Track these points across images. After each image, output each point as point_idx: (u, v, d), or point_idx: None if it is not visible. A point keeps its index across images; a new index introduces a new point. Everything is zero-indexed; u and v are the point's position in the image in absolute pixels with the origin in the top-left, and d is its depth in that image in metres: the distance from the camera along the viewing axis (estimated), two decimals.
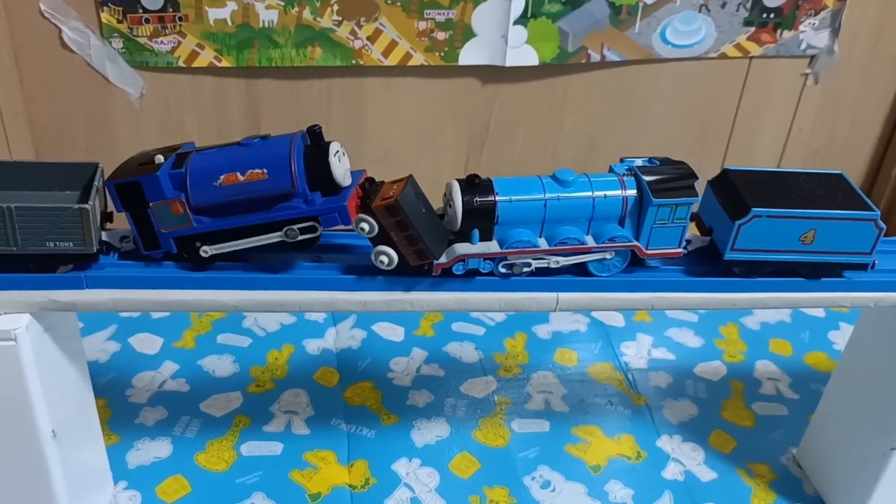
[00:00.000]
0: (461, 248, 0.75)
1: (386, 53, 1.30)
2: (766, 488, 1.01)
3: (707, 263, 0.82)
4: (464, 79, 1.37)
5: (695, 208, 0.78)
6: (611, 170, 0.79)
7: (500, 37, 1.31)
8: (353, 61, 1.29)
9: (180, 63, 1.25)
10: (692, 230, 0.82)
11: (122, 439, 1.02)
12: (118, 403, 1.07)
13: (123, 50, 1.23)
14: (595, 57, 1.36)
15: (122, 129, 1.31)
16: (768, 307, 0.82)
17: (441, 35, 1.29)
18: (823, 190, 0.81)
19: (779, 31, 1.37)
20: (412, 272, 0.75)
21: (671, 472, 1.03)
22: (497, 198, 0.74)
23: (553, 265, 0.76)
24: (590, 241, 0.77)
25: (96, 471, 0.91)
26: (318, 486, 0.98)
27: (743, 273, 0.81)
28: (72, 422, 0.81)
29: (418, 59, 1.31)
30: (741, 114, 1.47)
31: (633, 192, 0.77)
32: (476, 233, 0.75)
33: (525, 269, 0.76)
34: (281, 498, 0.96)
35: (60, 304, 0.71)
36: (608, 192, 0.77)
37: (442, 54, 1.31)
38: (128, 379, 1.12)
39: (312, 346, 1.21)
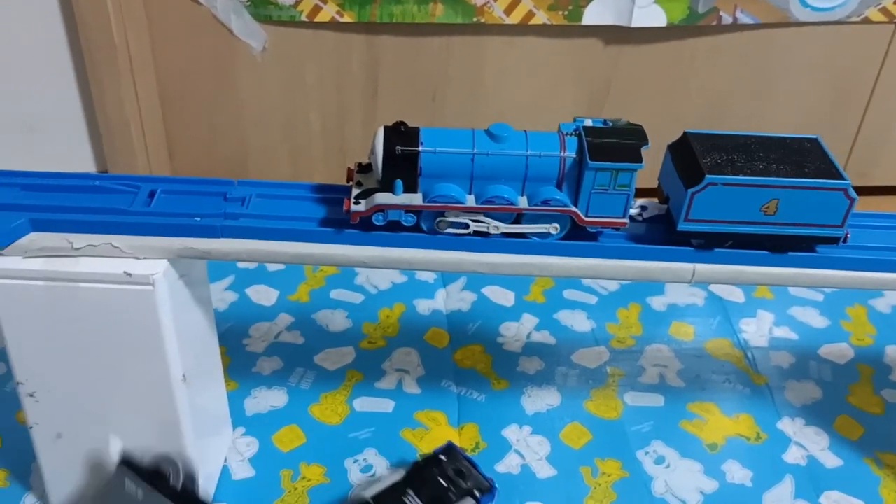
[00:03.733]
0: (381, 197, 0.71)
1: (508, 11, 1.27)
2: None
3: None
4: (586, 39, 1.32)
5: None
6: (559, 129, 0.73)
7: None
8: (475, 19, 1.27)
9: (303, 17, 1.25)
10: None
11: (239, 386, 1.04)
12: (236, 352, 1.10)
13: (248, 3, 1.24)
14: (727, 19, 1.29)
15: (244, 82, 1.32)
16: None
17: None
18: (793, 156, 0.73)
19: None
20: None
21: (793, 455, 0.99)
22: (421, 148, 0.70)
23: (493, 231, 0.72)
24: (522, 203, 0.72)
25: (218, 416, 0.94)
26: (430, 447, 0.98)
27: (702, 245, 0.74)
28: (199, 367, 0.83)
29: (541, 17, 1.28)
30: (882, 83, 1.38)
31: (572, 153, 0.71)
32: (399, 183, 0.71)
33: (453, 229, 0.72)
34: (392, 455, 0.96)
35: (196, 251, 0.72)
36: (544, 152, 0.71)
37: (566, 13, 1.27)
38: (245, 328, 1.14)
39: (423, 306, 1.21)
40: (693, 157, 0.73)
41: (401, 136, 0.71)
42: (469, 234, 0.73)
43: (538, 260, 0.74)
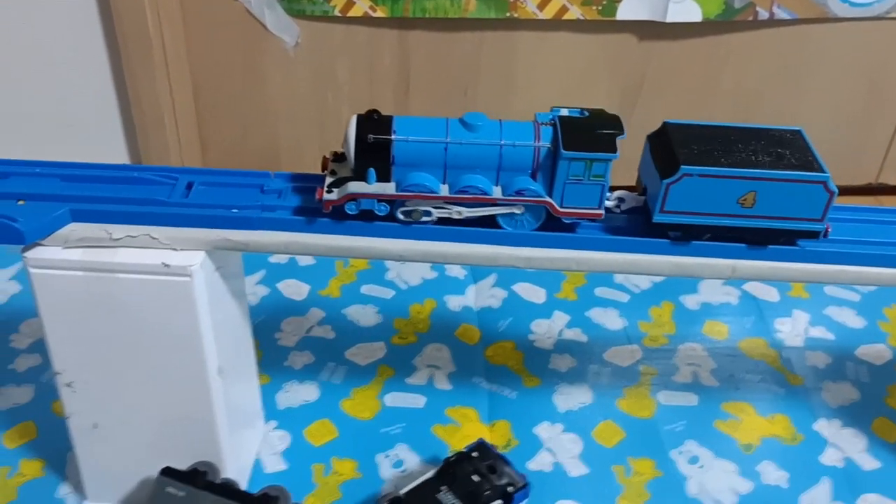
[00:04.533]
0: (354, 186, 0.71)
1: (541, 6, 1.26)
2: None
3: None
4: (619, 34, 1.31)
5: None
6: (535, 118, 0.72)
7: None
8: (508, 14, 1.26)
9: (336, 12, 1.25)
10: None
11: (272, 380, 1.04)
12: (268, 345, 1.10)
13: None
14: (763, 14, 1.28)
15: (276, 76, 1.32)
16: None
17: None
18: (773, 148, 0.72)
19: None
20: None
21: (829, 457, 0.97)
22: (394, 136, 0.69)
23: (455, 216, 0.71)
24: (496, 193, 0.71)
25: (251, 408, 0.94)
26: (461, 443, 0.97)
27: (679, 238, 0.73)
28: (234, 360, 0.83)
29: (574, 12, 1.27)
30: None
31: (546, 143, 0.70)
32: (372, 172, 0.70)
33: (425, 218, 0.71)
34: (424, 451, 0.96)
35: (234, 243, 0.72)
36: (518, 142, 0.70)
37: (599, 8, 1.26)
38: (277, 323, 1.14)
39: (454, 302, 1.20)
40: (670, 147, 0.71)
41: (373, 125, 0.70)
42: (433, 221, 0.72)
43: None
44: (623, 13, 1.26)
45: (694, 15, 1.27)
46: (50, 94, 1.34)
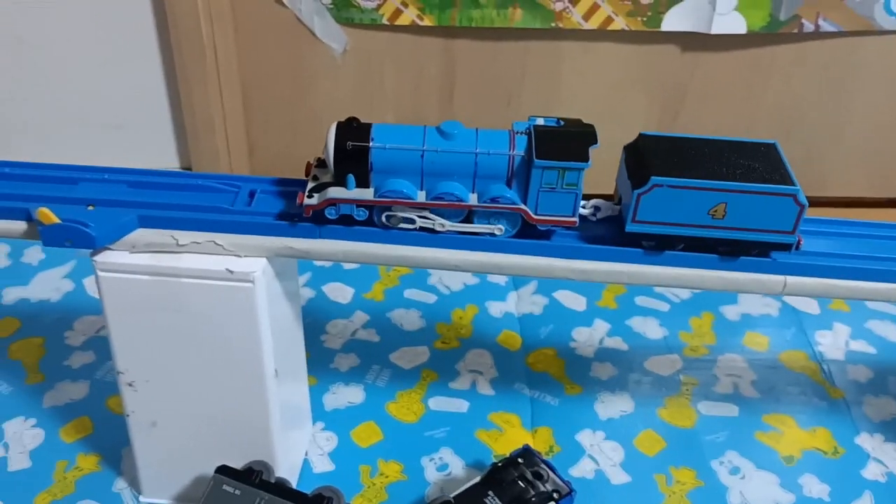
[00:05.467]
0: (334, 192, 0.72)
1: (587, 17, 1.27)
2: None
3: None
4: (663, 45, 1.32)
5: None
6: (512, 127, 0.73)
7: (708, 2, 1.25)
8: (553, 24, 1.27)
9: (384, 20, 1.27)
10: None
11: (318, 382, 1.06)
12: (314, 347, 1.12)
13: (331, 6, 1.27)
14: (808, 27, 1.28)
15: (323, 83, 1.35)
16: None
17: None
18: (746, 161, 0.72)
19: None
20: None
21: (872, 472, 0.98)
22: (371, 143, 0.71)
23: (438, 228, 0.73)
24: (472, 200, 0.72)
25: (301, 410, 0.96)
26: (504, 448, 0.99)
27: (653, 247, 0.74)
28: (288, 361, 0.86)
29: (619, 23, 1.28)
30: None
31: (521, 152, 0.71)
32: (351, 178, 0.72)
33: (405, 224, 0.73)
34: (468, 455, 0.98)
35: (295, 251, 0.74)
36: (493, 150, 0.71)
37: (644, 19, 1.27)
38: (322, 325, 1.16)
39: (495, 308, 1.22)
40: (643, 158, 0.73)
41: (352, 132, 0.72)
42: (416, 229, 0.74)
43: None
44: (668, 24, 1.27)
45: (739, 27, 1.27)
46: (104, 99, 1.38)
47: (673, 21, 1.27)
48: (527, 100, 1.36)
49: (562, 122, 0.74)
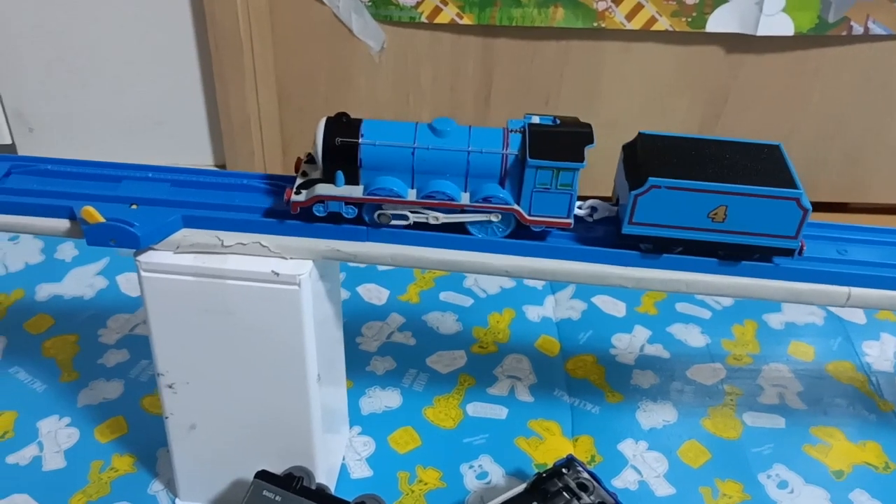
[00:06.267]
0: (322, 188, 0.70)
1: (630, 17, 1.25)
2: None
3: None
4: (707, 46, 1.29)
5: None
6: (507, 125, 0.71)
7: (755, 3, 1.22)
8: (595, 24, 1.25)
9: (423, 18, 1.26)
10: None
11: (354, 385, 1.05)
12: (350, 349, 1.09)
13: (370, 3, 1.25)
14: (857, 29, 1.25)
15: (360, 82, 1.33)
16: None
17: None
18: (749, 163, 0.70)
19: None
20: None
21: None
22: (361, 140, 0.69)
23: (432, 221, 0.71)
24: (464, 199, 0.70)
25: (339, 414, 0.95)
26: (544, 457, 0.97)
27: (650, 250, 0.71)
28: (329, 366, 0.84)
29: (663, 23, 1.25)
30: None
31: (514, 150, 0.69)
32: (340, 175, 0.70)
33: (395, 221, 0.71)
34: (507, 464, 0.96)
35: (343, 254, 0.73)
36: (485, 148, 0.69)
37: (689, 19, 1.24)
38: (358, 327, 1.15)
39: (532, 312, 1.20)
40: (641, 158, 0.70)
41: (341, 128, 0.70)
42: (408, 225, 0.72)
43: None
44: (713, 25, 1.25)
45: (786, 29, 1.24)
46: (145, 96, 1.37)
47: (718, 22, 1.24)
48: (565, 100, 1.34)
49: (558, 121, 0.71)
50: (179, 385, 0.80)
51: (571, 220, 0.71)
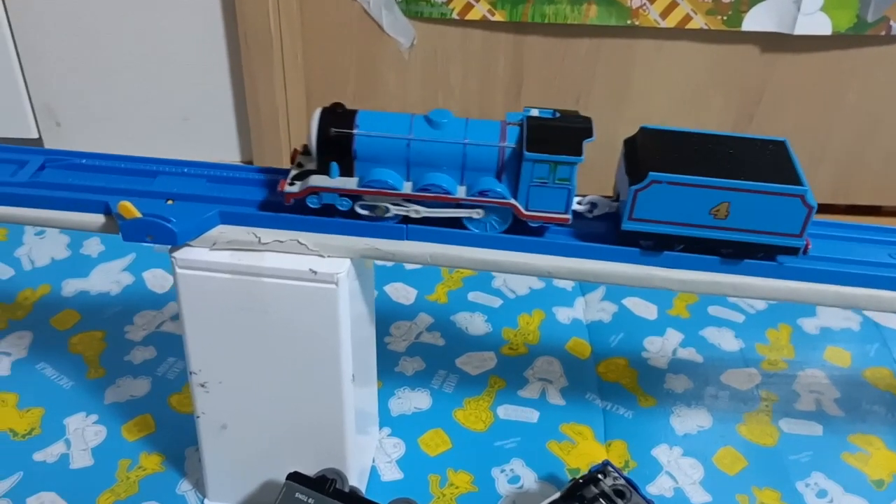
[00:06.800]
0: (316, 180, 0.69)
1: (664, 14, 1.23)
2: None
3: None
4: (742, 45, 1.27)
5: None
6: (505, 118, 0.69)
7: (793, 1, 1.20)
8: (628, 21, 1.23)
9: (454, 15, 1.24)
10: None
11: (384, 385, 1.03)
12: (379, 349, 1.07)
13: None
14: None
15: (389, 78, 1.32)
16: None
17: None
18: (752, 159, 0.67)
19: None
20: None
21: None
22: (356, 131, 0.67)
23: (413, 214, 0.69)
24: (460, 192, 0.68)
25: (370, 415, 0.93)
26: (577, 461, 0.95)
27: (651, 247, 0.69)
28: (362, 366, 0.83)
29: (698, 21, 1.23)
30: None
31: (512, 143, 0.67)
32: (335, 166, 0.68)
33: (387, 214, 0.69)
34: (540, 468, 0.94)
35: (382, 252, 0.71)
36: (482, 141, 0.67)
37: (725, 18, 1.22)
38: (386, 327, 1.13)
39: (563, 314, 1.18)
40: (642, 153, 0.69)
41: (336, 118, 0.69)
42: (394, 216, 0.70)
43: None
44: (749, 24, 1.22)
45: (824, 28, 1.22)
46: (173, 91, 1.36)
47: (754, 21, 1.22)
48: (596, 99, 1.32)
49: (558, 114, 0.70)
50: (212, 384, 0.79)
51: (569, 216, 0.70)
